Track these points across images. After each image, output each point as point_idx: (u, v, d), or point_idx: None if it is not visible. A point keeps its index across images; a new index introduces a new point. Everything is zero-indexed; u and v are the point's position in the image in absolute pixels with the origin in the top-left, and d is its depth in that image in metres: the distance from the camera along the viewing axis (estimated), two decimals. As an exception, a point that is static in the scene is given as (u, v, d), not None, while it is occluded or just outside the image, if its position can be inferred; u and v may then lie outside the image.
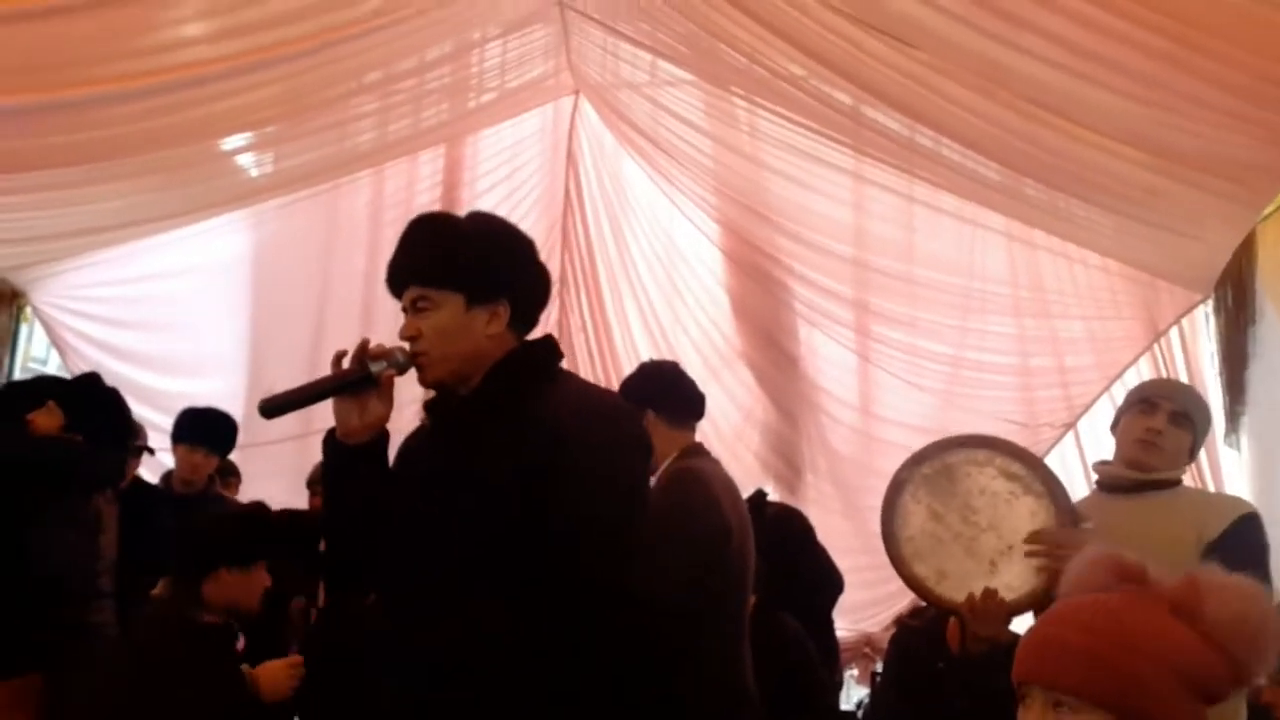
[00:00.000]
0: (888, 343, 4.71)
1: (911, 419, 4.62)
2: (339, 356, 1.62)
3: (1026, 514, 2.13)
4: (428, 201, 5.36)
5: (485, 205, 5.31)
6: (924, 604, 3.96)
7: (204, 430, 3.79)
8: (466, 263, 1.61)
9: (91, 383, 3.21)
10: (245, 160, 4.86)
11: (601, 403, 1.59)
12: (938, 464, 2.22)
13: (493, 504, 1.45)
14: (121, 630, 2.74)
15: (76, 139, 3.91)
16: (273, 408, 1.52)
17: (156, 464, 4.26)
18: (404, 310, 1.64)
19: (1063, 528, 2.09)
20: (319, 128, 4.56)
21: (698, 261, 5.14)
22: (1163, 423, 2.15)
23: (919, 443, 3.69)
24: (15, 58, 3.36)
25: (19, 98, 3.57)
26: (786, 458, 4.83)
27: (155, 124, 3.96)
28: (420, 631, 1.48)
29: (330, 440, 1.63)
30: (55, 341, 5.14)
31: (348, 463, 1.58)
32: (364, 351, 1.58)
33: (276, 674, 2.28)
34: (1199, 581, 1.18)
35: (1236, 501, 2.30)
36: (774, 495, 3.65)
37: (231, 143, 4.64)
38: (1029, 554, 2.09)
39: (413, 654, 1.48)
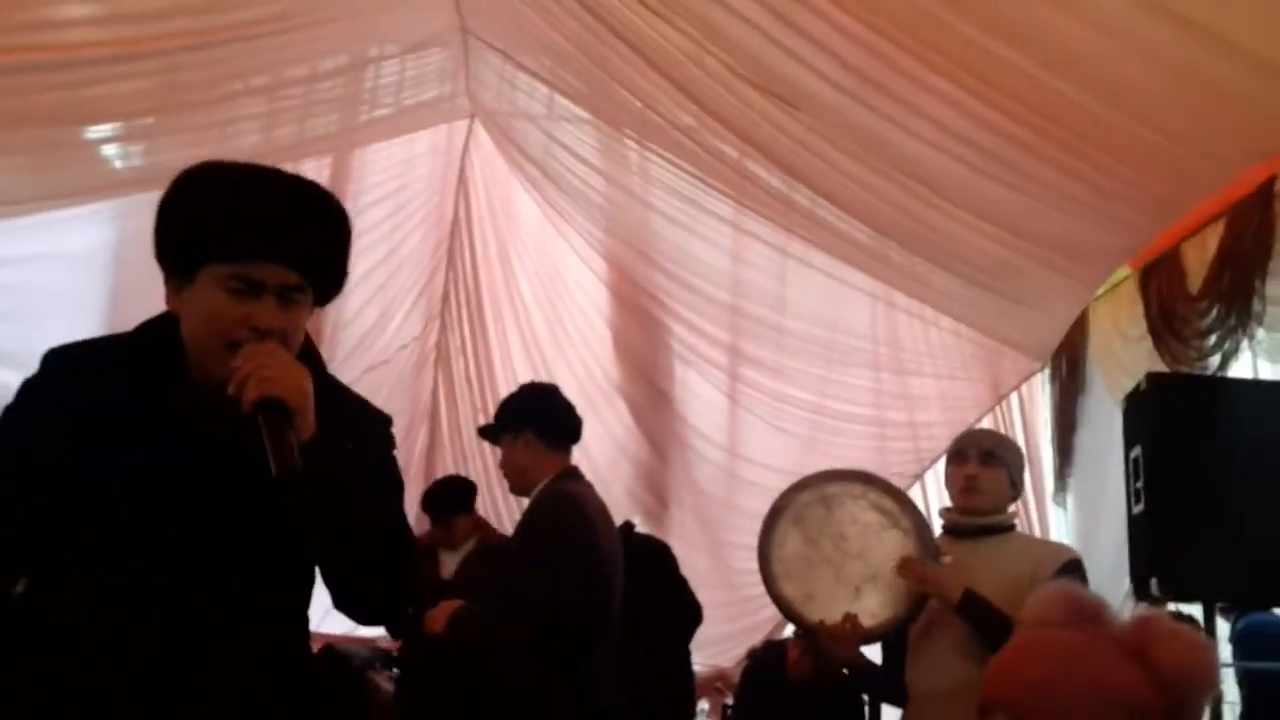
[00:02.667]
0: (756, 387, 4.91)
1: (775, 461, 4.83)
2: None
3: (894, 546, 2.31)
4: (310, 210, 5.26)
5: (370, 218, 5.25)
6: (774, 639, 4.16)
7: None
8: (344, 268, 1.34)
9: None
10: (114, 151, 4.66)
11: None
12: (818, 493, 2.39)
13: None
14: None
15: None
16: None
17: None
18: (245, 286, 1.23)
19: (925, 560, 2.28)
20: (198, 125, 4.43)
21: (582, 294, 5.24)
22: (975, 467, 2.38)
23: (781, 483, 3.87)
24: None
25: None
26: (655, 491, 4.95)
27: (23, 101, 3.77)
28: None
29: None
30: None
31: None
32: (264, 407, 1.19)
33: None
34: (1150, 625, 1.28)
35: (1063, 548, 2.57)
36: (641, 527, 3.73)
37: (101, 131, 4.45)
38: (900, 573, 2.25)
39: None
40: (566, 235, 5.25)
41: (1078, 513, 4.17)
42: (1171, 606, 2.79)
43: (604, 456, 4.85)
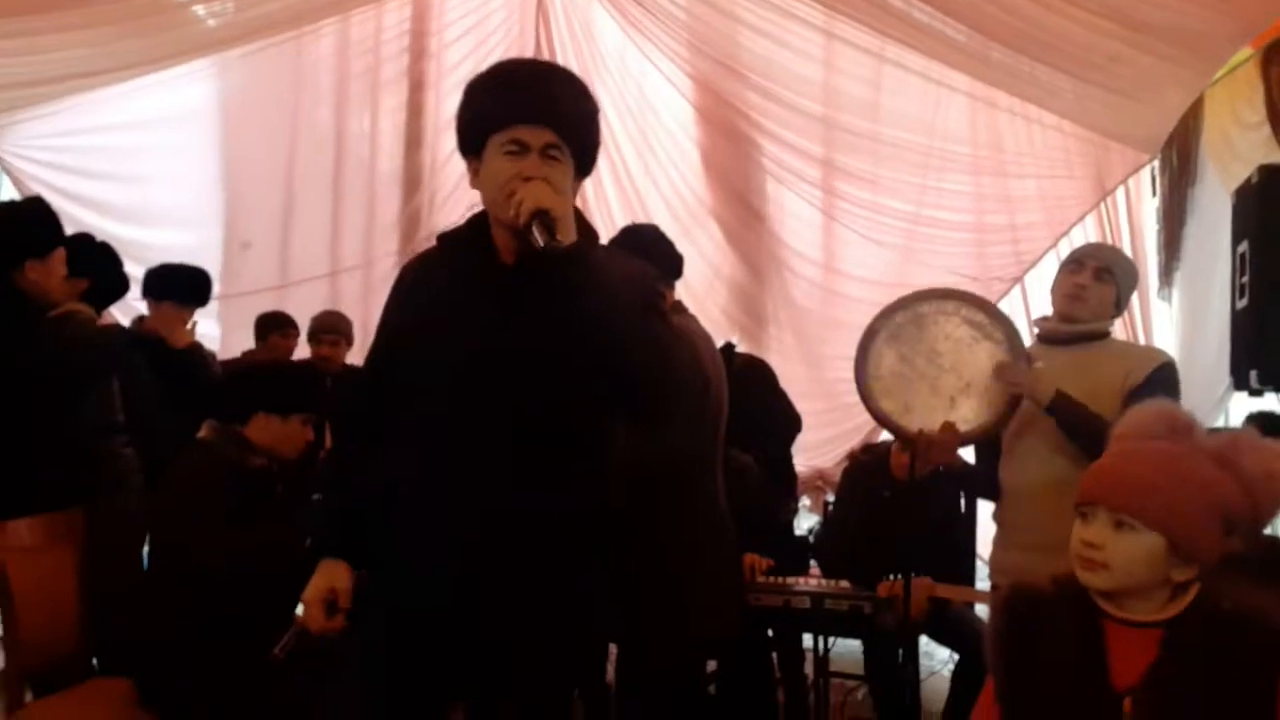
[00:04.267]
0: (851, 200, 4.87)
1: (871, 274, 4.85)
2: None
3: (986, 357, 2.40)
4: (395, 50, 5.29)
5: (454, 53, 5.27)
6: (872, 443, 4.34)
7: (186, 286, 3.73)
8: (595, 134, 1.61)
9: (87, 239, 3.28)
10: (204, 10, 4.73)
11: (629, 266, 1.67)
12: (910, 313, 2.47)
13: (582, 351, 1.51)
14: (151, 465, 2.94)
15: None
16: None
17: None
18: (516, 148, 1.53)
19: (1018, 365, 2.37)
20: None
21: (669, 116, 5.18)
22: (1088, 278, 2.40)
23: (878, 296, 3.95)
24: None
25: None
26: (752, 311, 5.06)
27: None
28: (503, 473, 1.54)
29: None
30: (21, 191, 5.08)
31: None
32: (538, 217, 1.46)
33: None
34: (1239, 438, 1.45)
35: (1156, 352, 2.59)
36: (740, 346, 3.87)
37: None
38: (995, 377, 2.35)
39: (496, 495, 1.54)
40: (651, 55, 5.14)
41: (1182, 308, 4.12)
42: (1271, 398, 2.82)
43: (699, 279, 4.93)
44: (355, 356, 4.37)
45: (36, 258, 2.74)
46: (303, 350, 4.38)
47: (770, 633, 3.24)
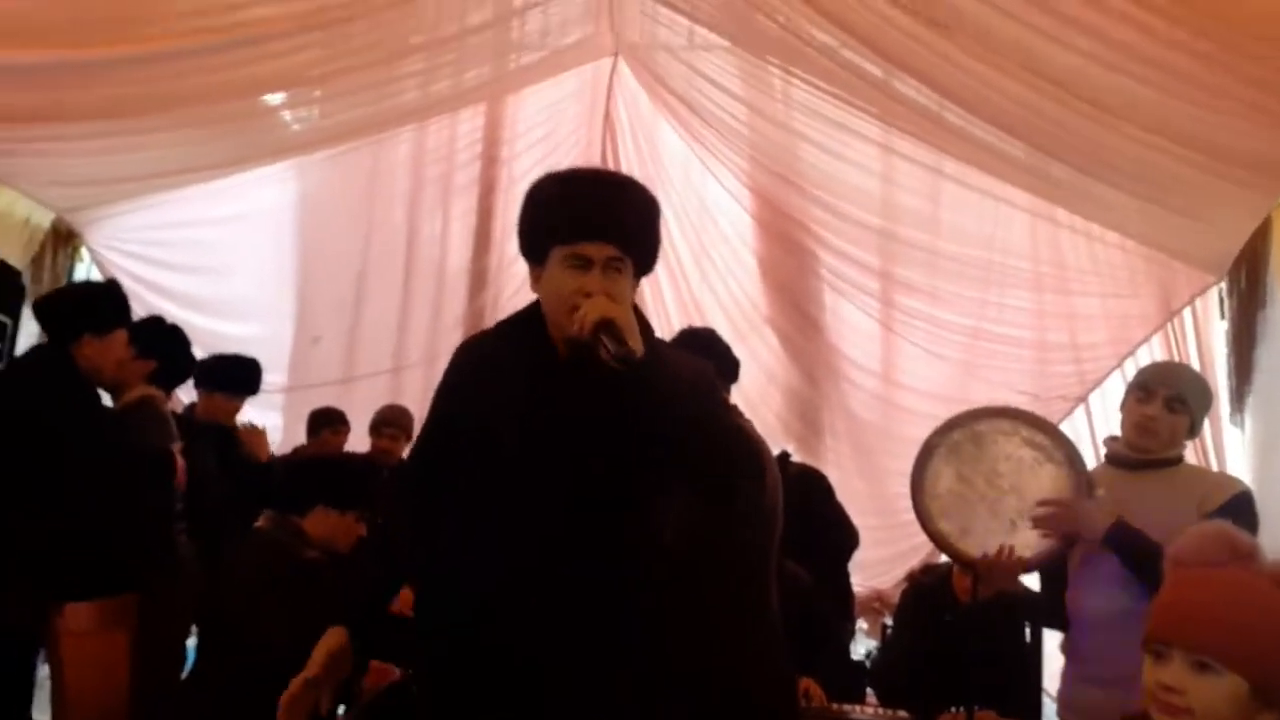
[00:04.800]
0: (910, 312, 4.87)
1: (931, 387, 4.81)
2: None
3: (1048, 480, 2.33)
4: (468, 158, 5.52)
5: (524, 162, 5.47)
6: (933, 563, 4.21)
7: (236, 377, 3.89)
8: (656, 240, 1.65)
9: (158, 322, 3.41)
10: (290, 116, 5.01)
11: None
12: (968, 431, 2.42)
13: (652, 450, 1.52)
14: (207, 553, 2.98)
15: (134, 91, 4.08)
16: None
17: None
18: (579, 262, 1.54)
19: (1077, 495, 2.29)
20: (363, 86, 4.70)
21: (728, 225, 5.29)
22: (1158, 409, 2.30)
23: (938, 410, 3.89)
24: (79, 12, 3.52)
25: (82, 52, 3.75)
26: (808, 420, 5.03)
27: (208, 80, 4.13)
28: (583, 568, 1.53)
29: None
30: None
31: None
32: (603, 328, 1.48)
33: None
34: None
35: (1233, 480, 2.48)
36: (796, 456, 3.84)
37: (278, 98, 4.80)
38: (1039, 513, 2.28)
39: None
40: (711, 167, 5.29)
41: (1255, 434, 3.98)
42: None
43: (754, 386, 4.94)
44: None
45: (95, 334, 2.84)
46: (359, 444, 4.45)
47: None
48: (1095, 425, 4.61)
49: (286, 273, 5.43)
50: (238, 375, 3.85)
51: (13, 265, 3.80)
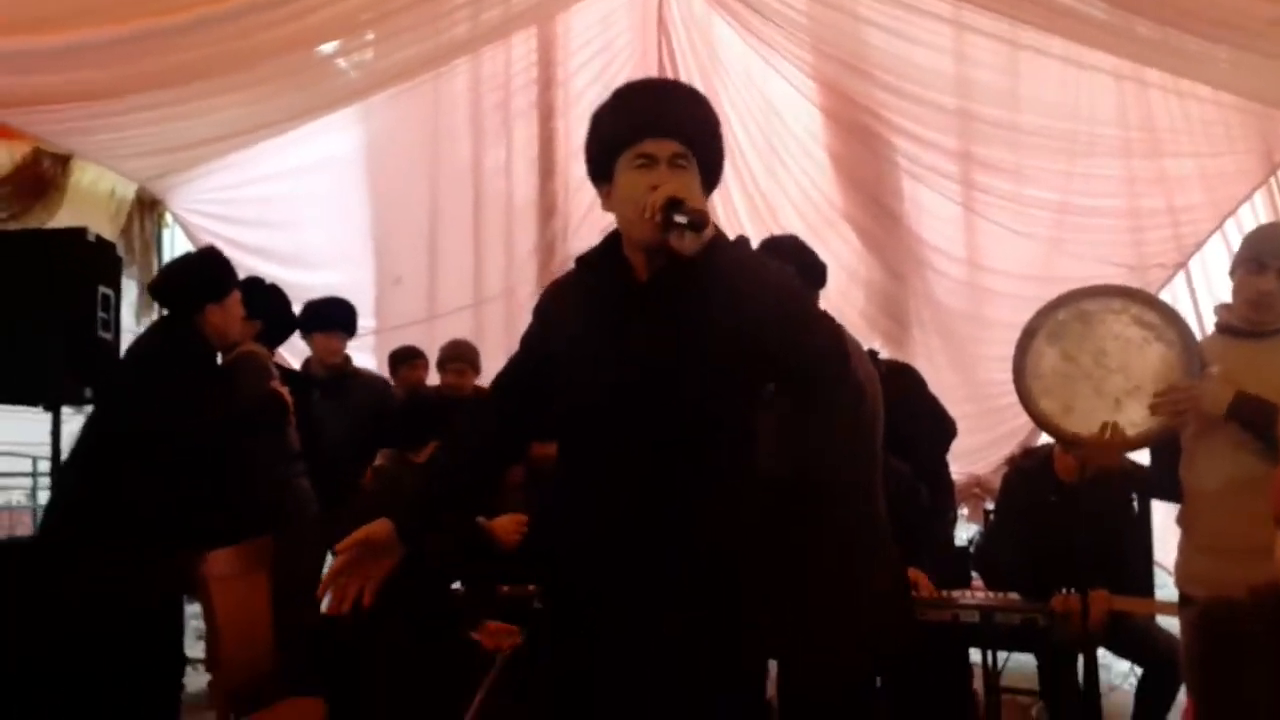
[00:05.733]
0: (993, 192, 4.71)
1: (1019, 267, 4.67)
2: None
3: (1156, 359, 2.28)
4: (524, 82, 5.46)
5: (581, 79, 5.39)
6: (1033, 446, 4.16)
7: (333, 316, 4.15)
8: (718, 142, 1.64)
9: (257, 282, 3.54)
10: (346, 62, 5.01)
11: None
12: (1074, 310, 2.38)
13: (738, 356, 1.53)
14: (325, 494, 3.15)
15: (195, 56, 4.13)
16: None
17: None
18: (644, 161, 1.55)
19: (1188, 375, 2.23)
20: (414, 23, 4.66)
21: (795, 121, 5.14)
22: (1272, 283, 2.21)
23: (1026, 291, 3.79)
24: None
25: (138, 24, 3.80)
26: (893, 314, 4.95)
27: (262, 37, 4.15)
28: (668, 485, 1.54)
29: None
30: (194, 242, 5.50)
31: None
32: (672, 205, 1.47)
33: (507, 526, 2.58)
34: None
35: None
36: (884, 353, 3.79)
37: (332, 47, 4.79)
38: (1158, 402, 2.23)
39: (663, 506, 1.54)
40: (773, 62, 5.12)
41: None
42: None
43: (835, 286, 4.82)
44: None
45: (215, 302, 2.98)
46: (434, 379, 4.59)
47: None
48: (1197, 290, 4.44)
49: (361, 218, 5.51)
50: (337, 315, 4.07)
51: (106, 239, 3.96)
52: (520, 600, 2.86)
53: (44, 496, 5.84)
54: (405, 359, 4.61)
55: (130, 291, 4.97)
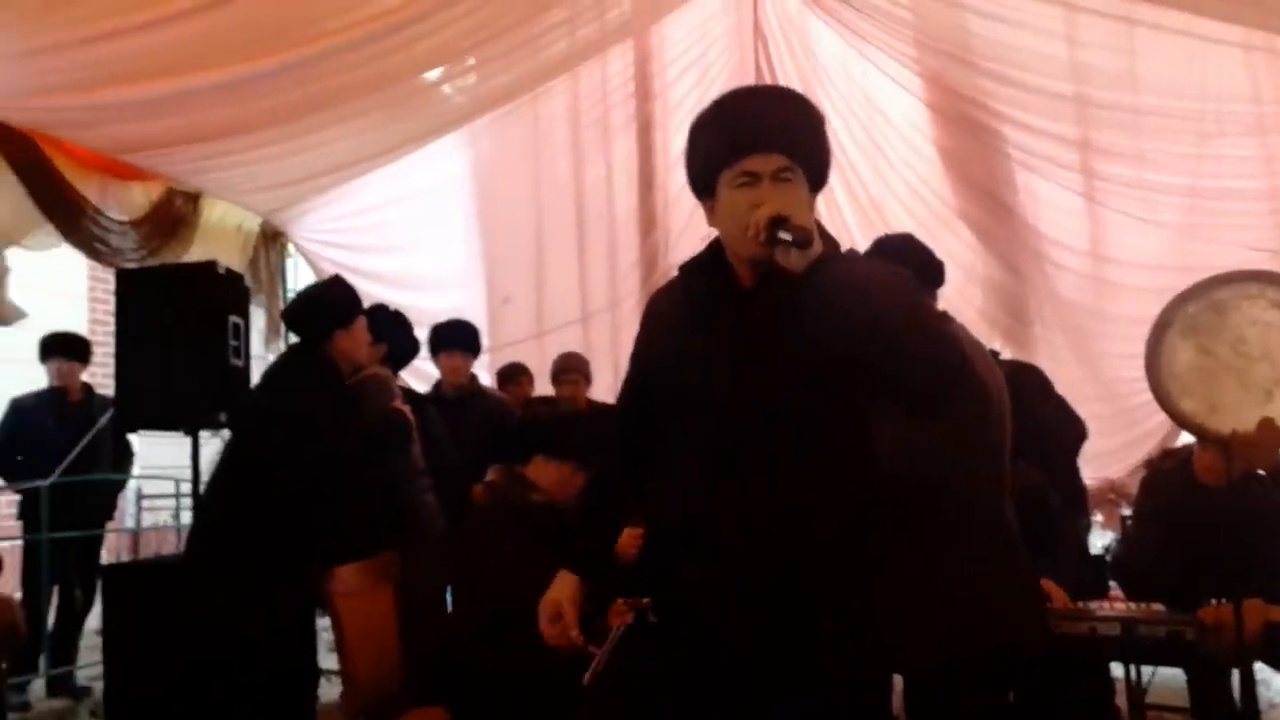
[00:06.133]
0: (1115, 180, 4.47)
1: (1146, 257, 4.42)
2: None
3: None
4: (622, 96, 5.50)
5: (679, 89, 5.40)
6: (1171, 448, 3.92)
7: (454, 337, 4.27)
8: (823, 147, 1.59)
9: (381, 309, 3.67)
10: (451, 89, 5.14)
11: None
12: (1205, 301, 2.24)
13: (841, 369, 1.49)
14: (450, 510, 3.23)
15: (310, 91, 4.30)
16: None
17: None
18: (747, 179, 1.51)
19: None
20: (513, 46, 4.75)
21: (900, 118, 5.01)
22: None
23: (1157, 282, 3.57)
24: (247, 29, 3.75)
25: (253, 64, 3.99)
26: (1013, 312, 4.75)
27: (369, 70, 4.30)
28: (775, 497, 1.51)
29: None
30: (316, 271, 5.74)
31: None
32: (776, 223, 1.44)
33: (625, 539, 2.60)
34: None
35: None
36: (1005, 353, 3.63)
37: (436, 74, 4.93)
38: None
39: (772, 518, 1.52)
40: (874, 59, 5.01)
41: None
42: None
43: (951, 285, 4.66)
44: (602, 393, 4.58)
45: (342, 328, 3.10)
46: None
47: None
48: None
49: (469, 239, 5.65)
50: (459, 336, 4.19)
51: (235, 270, 4.17)
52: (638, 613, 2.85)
53: (187, 517, 6.17)
54: (510, 377, 4.72)
55: (258, 319, 5.23)
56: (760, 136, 1.53)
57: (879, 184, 5.08)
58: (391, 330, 3.52)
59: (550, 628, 1.74)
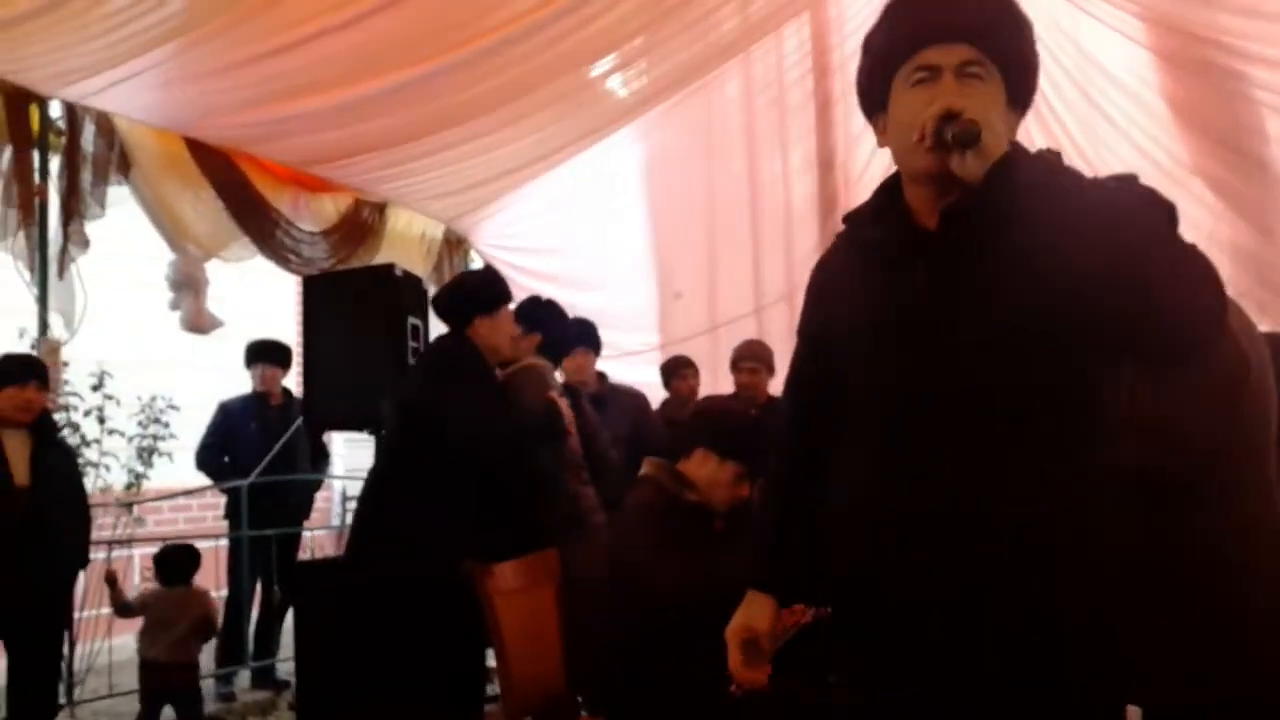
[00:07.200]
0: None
1: None
2: None
3: None
4: (798, 75, 5.20)
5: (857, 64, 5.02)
6: None
7: (578, 335, 4.00)
8: (1031, 44, 1.28)
9: (535, 299, 3.58)
10: (620, 79, 5.02)
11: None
12: None
13: (1065, 310, 1.16)
14: (611, 506, 3.07)
15: (481, 89, 4.30)
16: None
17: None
18: (925, 75, 1.23)
19: None
20: (683, 27, 4.56)
21: (1120, 69, 4.39)
22: None
23: None
24: (409, 33, 3.76)
25: (431, 63, 4.01)
26: (1265, 279, 4.03)
27: (536, 62, 4.24)
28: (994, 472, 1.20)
29: None
30: (496, 276, 5.81)
31: None
32: (946, 118, 1.17)
33: None
34: None
35: None
36: (1261, 326, 3.03)
37: (608, 63, 4.82)
38: None
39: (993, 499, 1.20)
40: (1087, 6, 4.44)
41: None
42: None
43: (1187, 249, 4.07)
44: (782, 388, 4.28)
45: (485, 314, 3.01)
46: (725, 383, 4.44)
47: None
48: None
49: (642, 234, 5.53)
50: (582, 334, 4.01)
51: (412, 273, 4.21)
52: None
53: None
54: (675, 370, 4.61)
55: (437, 322, 5.33)
56: (942, 21, 1.24)
57: (1097, 146, 4.48)
58: (545, 319, 3.41)
59: (743, 662, 1.48)
